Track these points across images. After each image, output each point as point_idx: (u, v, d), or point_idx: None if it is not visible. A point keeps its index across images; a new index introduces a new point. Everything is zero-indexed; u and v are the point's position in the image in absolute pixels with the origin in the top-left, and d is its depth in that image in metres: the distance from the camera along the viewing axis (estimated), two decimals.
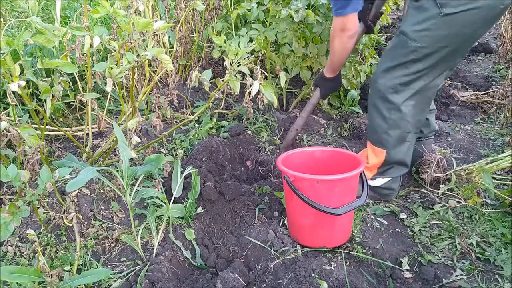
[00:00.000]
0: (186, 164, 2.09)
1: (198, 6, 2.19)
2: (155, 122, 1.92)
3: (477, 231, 1.73)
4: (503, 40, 3.47)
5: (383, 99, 1.72)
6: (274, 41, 2.62)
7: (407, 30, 1.61)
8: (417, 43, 1.59)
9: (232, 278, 1.45)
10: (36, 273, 1.26)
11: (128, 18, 1.51)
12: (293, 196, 1.57)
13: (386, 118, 1.73)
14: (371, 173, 1.88)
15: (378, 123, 1.76)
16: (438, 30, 1.56)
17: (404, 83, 1.67)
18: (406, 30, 1.62)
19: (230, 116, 2.66)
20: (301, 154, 1.81)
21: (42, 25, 1.44)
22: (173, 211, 1.75)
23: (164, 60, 1.57)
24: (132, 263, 1.62)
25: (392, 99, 1.69)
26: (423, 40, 1.58)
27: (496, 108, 2.79)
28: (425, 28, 1.57)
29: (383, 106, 1.72)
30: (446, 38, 1.57)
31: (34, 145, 1.56)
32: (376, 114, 1.76)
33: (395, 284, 1.51)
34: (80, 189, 1.81)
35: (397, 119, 1.73)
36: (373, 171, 1.87)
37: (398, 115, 1.72)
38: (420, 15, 1.58)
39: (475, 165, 1.97)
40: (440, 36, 1.57)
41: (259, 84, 1.75)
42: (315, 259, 1.57)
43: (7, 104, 2.28)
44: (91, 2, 3.40)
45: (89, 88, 2.08)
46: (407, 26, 1.62)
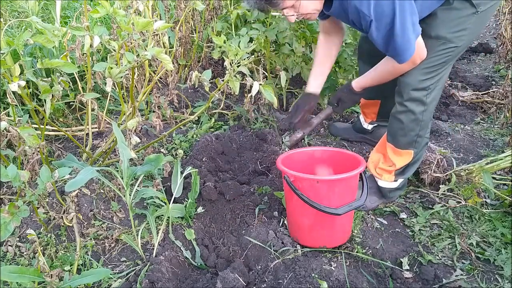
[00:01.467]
0: (186, 164, 2.09)
1: (198, 6, 2.19)
2: (155, 122, 1.92)
3: (477, 231, 1.73)
4: (503, 40, 3.47)
5: (418, 103, 1.69)
6: (274, 41, 2.62)
7: (443, 33, 1.59)
8: (454, 43, 1.60)
9: (232, 278, 1.45)
10: (36, 273, 1.26)
11: (128, 18, 1.51)
12: (293, 196, 1.57)
13: (419, 121, 1.72)
14: (393, 175, 1.85)
15: (411, 126, 1.73)
16: (474, 28, 1.60)
17: (435, 82, 1.68)
18: (442, 34, 1.59)
19: (230, 117, 2.66)
20: (302, 154, 1.81)
21: (42, 25, 1.44)
22: (173, 211, 1.75)
23: (164, 60, 1.57)
24: (132, 263, 1.62)
25: (426, 100, 1.69)
26: (460, 40, 1.60)
27: (496, 108, 2.79)
28: (463, 28, 1.58)
29: (417, 109, 1.70)
30: (476, 34, 1.67)
31: (34, 145, 1.56)
32: (409, 119, 1.72)
33: (395, 284, 1.51)
34: (80, 189, 1.81)
35: (427, 119, 1.74)
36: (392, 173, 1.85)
37: (428, 116, 1.74)
38: (453, 16, 1.58)
39: (475, 165, 1.97)
40: (475, 34, 1.64)
41: (259, 84, 1.75)
42: (315, 259, 1.57)
43: (7, 104, 2.28)
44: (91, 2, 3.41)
45: (89, 88, 2.08)
46: (442, 29, 1.59)
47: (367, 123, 2.35)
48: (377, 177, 1.88)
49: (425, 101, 1.69)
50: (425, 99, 1.68)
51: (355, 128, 2.45)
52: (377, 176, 1.87)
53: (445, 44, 1.60)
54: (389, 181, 1.85)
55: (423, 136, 1.78)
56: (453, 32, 1.59)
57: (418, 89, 1.67)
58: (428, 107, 1.71)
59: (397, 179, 1.85)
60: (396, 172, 1.84)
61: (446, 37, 1.59)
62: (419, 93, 1.67)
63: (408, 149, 1.79)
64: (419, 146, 1.80)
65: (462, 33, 1.59)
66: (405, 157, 1.81)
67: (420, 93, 1.67)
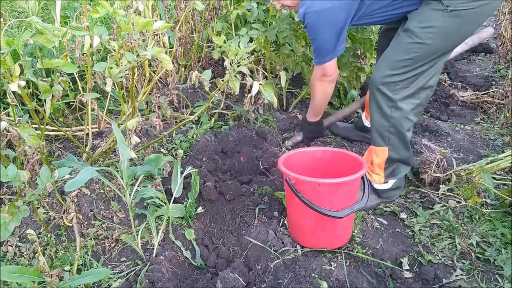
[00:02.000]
0: (186, 164, 2.09)
1: (198, 6, 2.19)
2: (155, 122, 1.92)
3: (477, 231, 1.73)
4: (503, 40, 3.47)
5: (385, 97, 1.71)
6: (274, 41, 2.62)
7: (413, 27, 1.62)
8: (421, 39, 1.60)
9: (232, 278, 1.45)
10: (36, 273, 1.26)
11: (128, 18, 1.51)
12: (294, 198, 1.57)
13: (388, 116, 1.73)
14: (382, 177, 1.86)
15: (380, 122, 1.76)
16: (444, 28, 1.59)
17: (404, 80, 1.67)
18: (412, 28, 1.62)
19: (230, 117, 2.66)
20: (302, 154, 1.81)
21: (42, 25, 1.44)
22: (173, 211, 1.75)
23: (164, 60, 1.57)
24: (132, 263, 1.62)
25: (393, 97, 1.69)
26: (428, 37, 1.60)
27: (496, 108, 2.79)
28: (430, 25, 1.59)
29: (384, 104, 1.72)
30: (451, 36, 1.62)
31: (34, 145, 1.56)
32: (378, 112, 1.75)
33: (395, 284, 1.51)
34: (80, 189, 1.81)
35: (398, 117, 1.73)
36: (381, 174, 1.85)
37: (400, 114, 1.72)
38: (423, 11, 1.60)
39: (475, 165, 1.97)
40: (446, 33, 1.60)
41: (259, 84, 1.75)
42: (315, 259, 1.57)
43: (7, 104, 2.28)
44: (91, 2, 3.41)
45: (89, 88, 2.08)
46: (413, 24, 1.62)
47: (369, 121, 2.35)
48: (369, 178, 1.88)
49: (391, 97, 1.69)
50: (392, 95, 1.69)
51: (356, 126, 2.45)
52: (369, 177, 1.87)
53: (411, 38, 1.62)
54: (379, 182, 1.86)
55: (397, 134, 1.76)
56: (421, 27, 1.60)
57: (383, 84, 1.68)
58: (397, 104, 1.70)
59: (387, 180, 1.85)
60: (385, 173, 1.84)
61: (413, 30, 1.61)
62: (385, 88, 1.69)
63: (382, 146, 1.80)
64: (394, 144, 1.78)
65: (429, 30, 1.59)
66: (380, 154, 1.81)
67: (386, 88, 1.69)
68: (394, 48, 1.70)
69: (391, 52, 1.70)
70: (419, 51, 1.62)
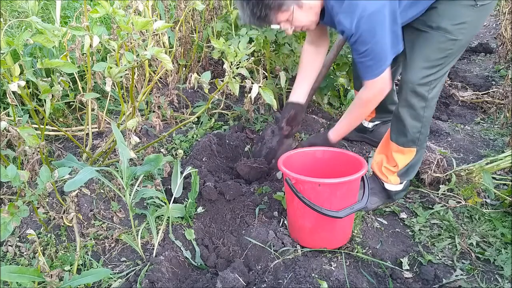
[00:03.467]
0: (186, 164, 2.09)
1: (198, 6, 2.19)
2: (155, 122, 1.92)
3: (477, 231, 1.73)
4: (503, 40, 3.47)
5: (419, 98, 1.69)
6: (274, 41, 2.62)
7: (443, 25, 1.60)
8: (455, 36, 1.61)
9: (232, 278, 1.45)
10: (36, 273, 1.26)
11: (127, 18, 1.51)
12: (294, 198, 1.57)
13: (421, 117, 1.73)
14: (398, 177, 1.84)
15: (413, 123, 1.74)
16: (473, 22, 1.61)
17: (437, 78, 1.68)
18: (444, 26, 1.60)
19: (230, 117, 2.66)
20: (302, 154, 1.81)
21: (42, 25, 1.44)
22: (173, 211, 1.75)
23: (164, 60, 1.57)
24: (132, 263, 1.62)
25: (428, 96, 1.69)
26: (461, 33, 1.60)
27: (496, 108, 2.79)
28: (463, 21, 1.59)
29: (418, 105, 1.70)
30: (477, 28, 1.67)
31: (34, 145, 1.56)
32: (410, 114, 1.73)
33: (395, 284, 1.51)
34: (80, 189, 1.81)
35: (429, 116, 1.75)
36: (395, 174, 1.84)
37: (430, 112, 1.74)
38: (454, 8, 1.60)
39: (475, 165, 1.97)
40: (475, 27, 1.64)
41: (259, 87, 1.74)
42: (315, 259, 1.57)
43: (7, 104, 2.28)
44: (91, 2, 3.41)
45: (89, 88, 2.08)
46: (443, 21, 1.61)
47: (368, 121, 2.35)
48: (383, 180, 1.87)
49: (427, 96, 1.69)
50: (427, 95, 1.69)
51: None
52: (384, 179, 1.87)
53: (445, 36, 1.61)
54: (395, 183, 1.85)
55: (425, 134, 1.79)
56: (454, 25, 1.60)
57: (420, 85, 1.67)
58: (430, 103, 1.71)
59: (402, 181, 1.86)
60: (399, 173, 1.84)
61: (447, 28, 1.60)
62: (421, 89, 1.67)
63: (411, 147, 1.79)
64: (421, 144, 1.80)
65: (462, 26, 1.60)
66: (408, 155, 1.81)
67: (422, 89, 1.68)
68: (426, 47, 1.65)
69: (424, 52, 1.65)
70: (453, 48, 1.63)
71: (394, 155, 1.83)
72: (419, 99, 1.69)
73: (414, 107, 1.71)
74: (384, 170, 1.86)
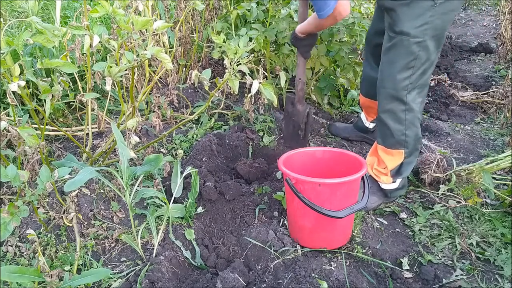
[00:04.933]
0: (186, 164, 2.09)
1: (198, 6, 2.19)
2: (154, 122, 1.92)
3: (477, 231, 1.73)
4: (503, 40, 3.48)
5: (398, 102, 1.72)
6: (274, 41, 2.62)
7: (406, 29, 1.61)
8: (420, 38, 1.61)
9: (232, 278, 1.45)
10: (36, 273, 1.26)
11: (127, 17, 1.51)
12: (294, 198, 1.57)
13: (402, 120, 1.74)
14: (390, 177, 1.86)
15: (395, 127, 1.76)
16: (436, 21, 1.60)
17: (414, 81, 1.69)
18: (406, 30, 1.62)
19: (230, 117, 2.66)
20: (302, 154, 1.81)
21: (42, 25, 1.44)
22: (173, 211, 1.75)
23: (164, 59, 1.57)
24: (132, 263, 1.62)
25: (405, 99, 1.70)
26: (425, 34, 1.61)
27: (496, 108, 2.79)
28: (425, 22, 1.59)
29: (397, 108, 1.73)
30: (443, 27, 1.64)
31: (34, 145, 1.56)
32: (391, 118, 1.75)
33: (395, 284, 1.50)
34: (80, 189, 1.81)
35: (412, 118, 1.75)
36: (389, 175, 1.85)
37: (412, 115, 1.74)
38: (414, 10, 1.60)
39: (475, 165, 1.97)
40: (438, 26, 1.62)
41: (259, 83, 1.75)
42: (315, 259, 1.57)
43: (7, 104, 2.28)
44: (91, 2, 3.40)
45: (89, 88, 2.08)
46: (405, 25, 1.62)
47: (369, 121, 2.35)
48: (377, 179, 1.88)
49: (405, 100, 1.70)
50: (405, 99, 1.70)
51: (356, 126, 2.45)
52: (376, 179, 1.88)
53: (410, 40, 1.62)
54: (387, 182, 1.86)
55: (412, 135, 1.78)
56: (416, 27, 1.60)
57: (396, 90, 1.69)
58: (410, 106, 1.72)
59: (395, 180, 1.86)
60: (391, 173, 1.84)
61: (409, 32, 1.61)
62: (398, 93, 1.70)
63: (398, 148, 1.80)
64: (409, 146, 1.80)
65: (425, 27, 1.60)
66: (397, 157, 1.82)
67: (399, 93, 1.70)
68: (395, 53, 1.68)
69: (394, 57, 1.69)
70: (420, 49, 1.63)
71: (382, 157, 1.84)
72: (398, 103, 1.72)
73: (394, 111, 1.73)
74: (375, 172, 1.88)
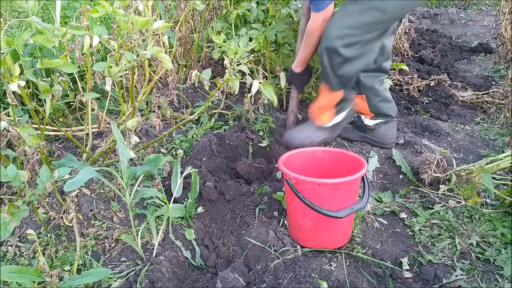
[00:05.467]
0: (186, 164, 2.09)
1: (198, 6, 2.19)
2: (154, 122, 1.92)
3: (477, 231, 1.73)
4: (503, 40, 3.47)
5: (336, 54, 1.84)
6: (274, 41, 2.62)
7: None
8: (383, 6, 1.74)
9: (232, 278, 1.45)
10: (36, 273, 1.26)
11: (127, 17, 1.51)
12: (294, 198, 1.57)
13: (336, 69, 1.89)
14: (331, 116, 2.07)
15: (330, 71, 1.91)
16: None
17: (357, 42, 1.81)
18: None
19: (230, 117, 2.66)
20: (302, 154, 1.81)
21: (42, 25, 1.44)
22: (173, 211, 1.75)
23: (164, 59, 1.57)
24: (132, 263, 1.62)
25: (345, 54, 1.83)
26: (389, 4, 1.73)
27: (496, 108, 2.79)
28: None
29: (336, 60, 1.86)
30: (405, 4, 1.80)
31: (34, 145, 1.56)
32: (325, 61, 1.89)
33: (395, 284, 1.51)
34: (80, 189, 1.81)
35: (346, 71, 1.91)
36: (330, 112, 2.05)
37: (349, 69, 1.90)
38: None
39: (475, 165, 1.97)
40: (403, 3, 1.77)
41: (259, 83, 1.75)
42: (315, 259, 1.57)
43: (7, 104, 2.28)
44: (91, 2, 3.40)
45: (89, 88, 2.08)
46: None
47: (368, 119, 2.35)
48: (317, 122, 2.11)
49: (343, 54, 1.82)
50: (344, 52, 1.81)
51: (356, 126, 2.45)
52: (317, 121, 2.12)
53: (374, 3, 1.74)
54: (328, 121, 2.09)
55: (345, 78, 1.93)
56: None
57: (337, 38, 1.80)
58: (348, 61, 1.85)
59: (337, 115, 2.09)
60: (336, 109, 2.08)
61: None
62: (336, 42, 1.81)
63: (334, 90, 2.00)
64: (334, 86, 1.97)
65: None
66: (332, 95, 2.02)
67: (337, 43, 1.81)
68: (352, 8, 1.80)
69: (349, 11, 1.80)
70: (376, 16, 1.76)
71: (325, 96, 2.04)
72: (336, 55, 1.84)
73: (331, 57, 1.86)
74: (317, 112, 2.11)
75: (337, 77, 1.93)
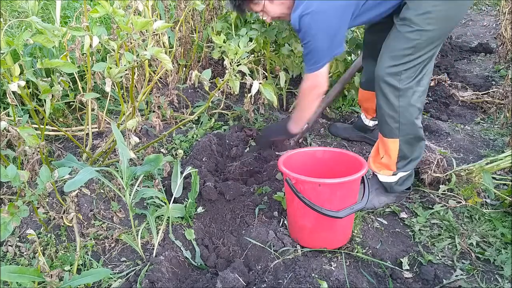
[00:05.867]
0: (186, 164, 2.09)
1: (198, 6, 2.19)
2: (154, 122, 1.92)
3: (477, 231, 1.73)
4: (503, 40, 3.47)
5: (391, 88, 1.72)
6: (274, 41, 2.62)
7: (409, 16, 1.63)
8: (421, 26, 1.62)
9: (232, 278, 1.45)
10: (36, 273, 1.26)
11: (127, 18, 1.51)
12: (294, 198, 1.57)
13: (396, 107, 1.73)
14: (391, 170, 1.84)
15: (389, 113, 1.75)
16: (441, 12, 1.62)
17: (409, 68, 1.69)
18: (409, 17, 1.64)
19: (230, 117, 2.66)
20: (303, 154, 1.81)
21: (42, 25, 1.44)
22: (173, 211, 1.75)
23: (164, 60, 1.57)
24: (132, 263, 1.62)
25: (399, 86, 1.70)
26: (427, 23, 1.62)
27: (496, 108, 2.79)
28: (428, 11, 1.61)
29: (391, 93, 1.72)
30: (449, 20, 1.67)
31: (34, 145, 1.56)
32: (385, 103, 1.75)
33: (395, 284, 1.51)
34: (80, 189, 1.81)
35: (406, 106, 1.73)
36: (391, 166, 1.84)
37: (406, 102, 1.72)
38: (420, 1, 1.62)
39: (475, 165, 1.97)
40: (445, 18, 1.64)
41: (259, 83, 1.75)
42: (315, 259, 1.57)
43: (7, 104, 2.28)
44: (91, 2, 3.40)
45: (89, 88, 2.08)
46: (409, 12, 1.64)
47: (369, 119, 2.35)
48: (376, 172, 1.88)
49: (398, 86, 1.70)
50: (399, 85, 1.70)
51: (356, 126, 2.45)
52: (376, 171, 1.87)
53: (411, 26, 1.63)
54: (387, 175, 1.85)
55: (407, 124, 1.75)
56: (418, 15, 1.62)
57: (389, 74, 1.70)
58: (404, 93, 1.71)
59: (397, 173, 1.83)
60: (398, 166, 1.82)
61: (411, 19, 1.63)
62: (390, 79, 1.70)
63: (392, 137, 1.79)
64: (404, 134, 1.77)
65: (427, 16, 1.61)
66: (392, 146, 1.80)
67: (391, 79, 1.70)
68: (394, 39, 1.70)
69: (392, 43, 1.70)
70: (420, 38, 1.63)
71: (380, 145, 1.85)
72: (391, 88, 1.72)
73: (387, 95, 1.73)
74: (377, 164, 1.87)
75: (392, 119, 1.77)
